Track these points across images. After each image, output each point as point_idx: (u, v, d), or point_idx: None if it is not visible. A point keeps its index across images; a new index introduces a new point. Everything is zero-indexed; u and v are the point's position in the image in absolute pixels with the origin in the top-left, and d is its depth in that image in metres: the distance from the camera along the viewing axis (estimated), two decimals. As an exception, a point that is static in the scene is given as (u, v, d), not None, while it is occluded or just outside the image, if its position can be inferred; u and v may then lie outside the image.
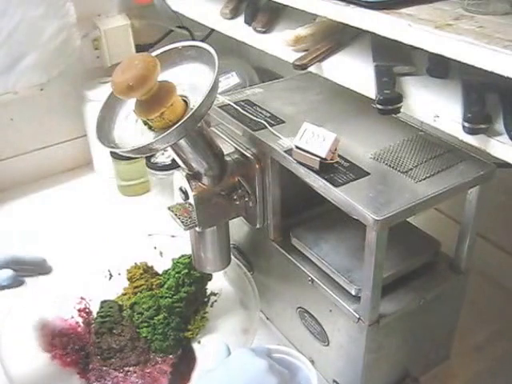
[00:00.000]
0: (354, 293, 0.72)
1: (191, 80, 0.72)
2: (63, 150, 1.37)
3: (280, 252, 0.83)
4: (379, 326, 0.70)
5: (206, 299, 0.94)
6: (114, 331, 0.87)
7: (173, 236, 0.99)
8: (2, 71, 1.11)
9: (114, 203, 1.26)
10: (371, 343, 0.72)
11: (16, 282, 0.75)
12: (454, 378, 0.85)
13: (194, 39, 1.26)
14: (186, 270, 0.89)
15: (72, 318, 0.91)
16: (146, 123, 0.71)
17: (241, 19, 0.89)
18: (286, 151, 0.74)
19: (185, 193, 0.79)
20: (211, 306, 0.94)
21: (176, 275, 0.89)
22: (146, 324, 0.86)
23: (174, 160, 0.78)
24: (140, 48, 1.28)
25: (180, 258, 0.92)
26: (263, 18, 0.85)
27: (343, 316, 0.73)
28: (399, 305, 0.72)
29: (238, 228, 0.92)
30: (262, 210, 0.82)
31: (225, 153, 0.81)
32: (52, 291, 0.92)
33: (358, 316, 0.70)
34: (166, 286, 0.89)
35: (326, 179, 0.68)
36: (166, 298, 0.87)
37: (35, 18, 1.10)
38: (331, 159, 0.69)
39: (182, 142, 0.72)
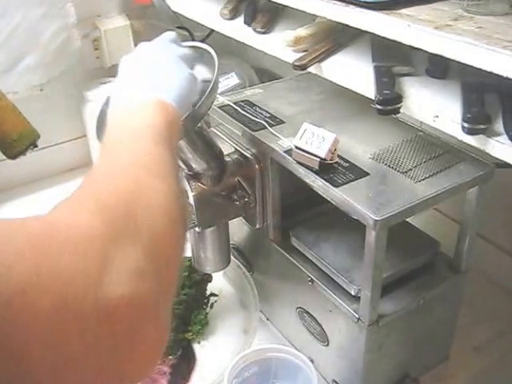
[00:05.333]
0: (353, 293, 0.72)
1: (191, 80, 0.72)
2: (63, 151, 1.37)
3: (280, 252, 0.83)
4: (379, 326, 0.70)
5: (205, 300, 0.94)
6: (114, 332, 0.87)
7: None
8: (2, 71, 1.11)
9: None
10: (371, 343, 0.72)
11: None
12: (454, 378, 0.84)
13: (193, 40, 1.26)
14: (187, 273, 0.89)
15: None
16: (145, 123, 0.70)
17: (240, 20, 0.90)
18: (285, 151, 0.74)
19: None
20: (211, 307, 0.94)
21: (176, 277, 0.89)
22: (145, 324, 0.86)
23: (173, 160, 0.78)
24: (140, 48, 1.28)
25: (180, 259, 0.92)
26: (263, 19, 0.85)
27: (343, 316, 0.73)
28: (399, 305, 0.72)
29: (237, 228, 0.92)
30: (262, 210, 0.83)
31: (224, 153, 0.81)
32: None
33: (357, 316, 0.70)
34: (165, 287, 0.89)
35: (325, 179, 0.68)
36: (166, 299, 0.87)
37: (35, 18, 1.10)
38: (331, 159, 0.69)
39: (182, 142, 0.72)
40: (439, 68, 0.66)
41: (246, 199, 0.82)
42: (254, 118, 0.82)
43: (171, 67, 0.59)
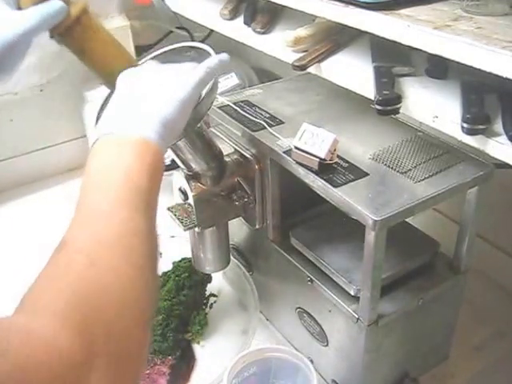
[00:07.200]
0: (353, 293, 0.72)
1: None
2: (63, 151, 1.37)
3: (279, 252, 0.83)
4: (378, 326, 0.70)
5: (205, 300, 0.94)
6: (114, 332, 0.87)
7: (172, 236, 0.99)
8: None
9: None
10: (370, 343, 0.72)
11: None
12: (453, 378, 0.85)
13: (193, 40, 1.26)
14: (187, 274, 0.89)
15: (72, 318, 0.91)
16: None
17: (240, 20, 0.90)
18: (285, 152, 0.74)
19: (184, 193, 0.80)
20: (210, 307, 0.94)
21: (176, 278, 0.89)
22: (145, 325, 0.86)
23: (173, 160, 0.78)
24: (139, 49, 1.28)
25: (181, 261, 0.92)
26: (262, 19, 0.85)
27: (342, 316, 0.73)
28: (398, 305, 0.73)
29: (237, 229, 0.92)
30: (262, 210, 0.83)
31: (224, 153, 0.81)
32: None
33: (357, 316, 0.70)
34: (165, 288, 0.89)
35: (325, 180, 0.68)
36: (166, 300, 0.87)
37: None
38: (330, 160, 0.69)
39: (182, 142, 0.72)
40: (439, 68, 0.66)
41: (246, 199, 0.82)
42: (254, 119, 0.82)
43: (170, 95, 0.57)
